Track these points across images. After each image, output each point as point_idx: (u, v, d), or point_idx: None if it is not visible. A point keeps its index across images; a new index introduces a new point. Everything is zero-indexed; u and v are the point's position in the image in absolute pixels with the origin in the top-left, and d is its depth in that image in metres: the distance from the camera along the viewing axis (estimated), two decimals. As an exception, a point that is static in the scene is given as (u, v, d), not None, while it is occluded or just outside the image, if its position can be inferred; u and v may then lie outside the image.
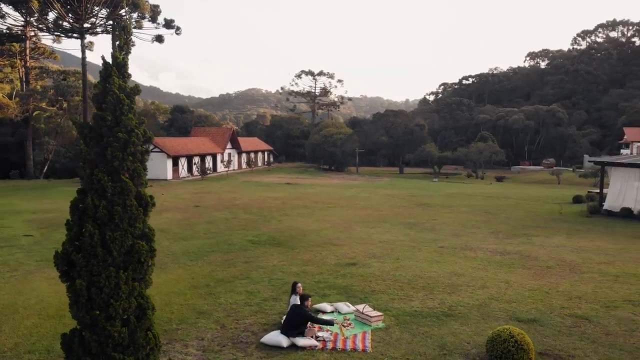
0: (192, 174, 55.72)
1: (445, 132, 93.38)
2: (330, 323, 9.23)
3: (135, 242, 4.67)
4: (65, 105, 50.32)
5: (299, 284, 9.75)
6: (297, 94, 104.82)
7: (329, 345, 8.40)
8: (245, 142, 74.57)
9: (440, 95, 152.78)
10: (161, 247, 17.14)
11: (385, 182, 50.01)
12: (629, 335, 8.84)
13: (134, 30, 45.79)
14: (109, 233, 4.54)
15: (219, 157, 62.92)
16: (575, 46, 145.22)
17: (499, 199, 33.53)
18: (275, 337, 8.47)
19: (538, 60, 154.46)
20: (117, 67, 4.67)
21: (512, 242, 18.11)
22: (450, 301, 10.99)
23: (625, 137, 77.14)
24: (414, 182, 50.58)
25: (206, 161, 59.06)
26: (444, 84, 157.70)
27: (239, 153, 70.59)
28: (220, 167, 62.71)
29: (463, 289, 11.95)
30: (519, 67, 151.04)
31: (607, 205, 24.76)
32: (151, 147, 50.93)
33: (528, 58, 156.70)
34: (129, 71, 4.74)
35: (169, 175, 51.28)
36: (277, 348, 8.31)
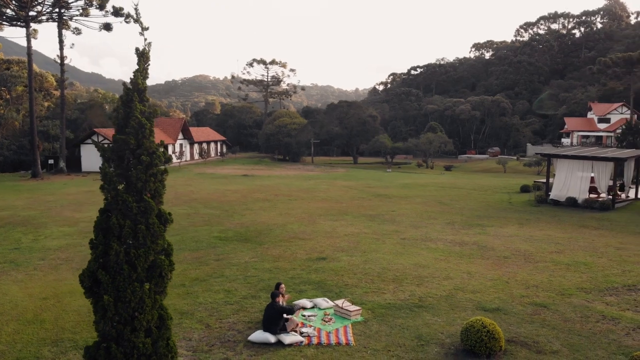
0: (144, 166, 54.75)
1: (395, 122, 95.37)
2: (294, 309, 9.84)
3: (157, 258, 4.91)
4: (8, 95, 48.01)
5: (282, 285, 10.08)
6: (249, 82, 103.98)
7: (314, 341, 8.84)
8: (197, 132, 73.50)
9: (390, 85, 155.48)
10: (127, 246, 17.07)
11: (341, 173, 50.78)
12: (585, 322, 9.75)
13: (79, 18, 44.16)
14: (133, 250, 4.75)
15: (170, 148, 61.88)
16: (518, 37, 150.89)
17: (451, 189, 34.86)
18: (262, 335, 8.82)
19: (483, 51, 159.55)
20: (137, 93, 4.84)
21: (468, 233, 19.07)
22: (419, 293, 11.65)
23: (565, 126, 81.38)
24: (368, 173, 51.62)
25: (158, 153, 58.06)
26: (393, 74, 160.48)
27: (191, 144, 69.56)
28: (172, 159, 61.78)
29: (429, 280, 12.65)
30: (464, 57, 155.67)
31: (553, 194, 26.33)
32: (102, 139, 49.57)
33: (473, 49, 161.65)
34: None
35: (121, 168, 50.18)
36: (265, 345, 8.67)
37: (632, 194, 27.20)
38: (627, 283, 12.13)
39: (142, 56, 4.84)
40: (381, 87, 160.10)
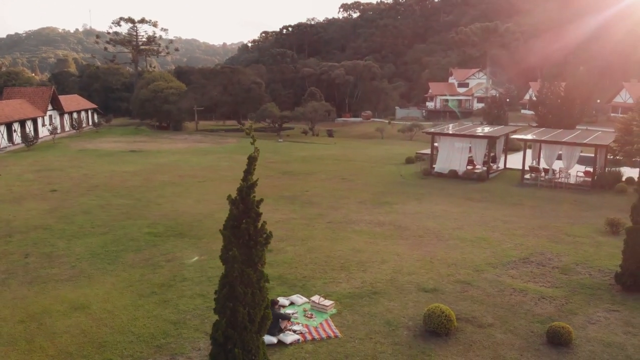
0: (13, 143, 50.03)
1: (274, 85, 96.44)
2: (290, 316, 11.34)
3: (265, 312, 6.20)
4: None
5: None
6: (116, 42, 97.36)
7: (308, 337, 10.53)
8: (67, 101, 68.05)
9: (262, 43, 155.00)
10: (62, 250, 16.78)
11: (234, 144, 51.16)
12: (501, 295, 12.60)
13: None
14: (251, 310, 5.99)
15: (39, 121, 57.02)
16: (383, 0, 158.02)
17: (346, 162, 37.58)
18: (265, 337, 10.29)
19: (351, 12, 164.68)
20: (250, 189, 5.99)
21: (381, 212, 21.58)
22: (368, 279, 13.70)
23: (430, 91, 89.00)
24: (262, 143, 51.77)
25: (27, 127, 53.26)
26: (265, 32, 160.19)
27: (61, 114, 64.53)
28: (43, 133, 57.03)
29: (370, 265, 14.76)
30: (334, 18, 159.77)
31: (437, 168, 30.13)
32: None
33: (342, 9, 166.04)
34: None
35: (-12, 147, 45.60)
36: (269, 346, 10.11)
37: (501, 164, 32.08)
38: (522, 256, 15.40)
39: (253, 160, 5.96)
40: (251, 45, 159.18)
